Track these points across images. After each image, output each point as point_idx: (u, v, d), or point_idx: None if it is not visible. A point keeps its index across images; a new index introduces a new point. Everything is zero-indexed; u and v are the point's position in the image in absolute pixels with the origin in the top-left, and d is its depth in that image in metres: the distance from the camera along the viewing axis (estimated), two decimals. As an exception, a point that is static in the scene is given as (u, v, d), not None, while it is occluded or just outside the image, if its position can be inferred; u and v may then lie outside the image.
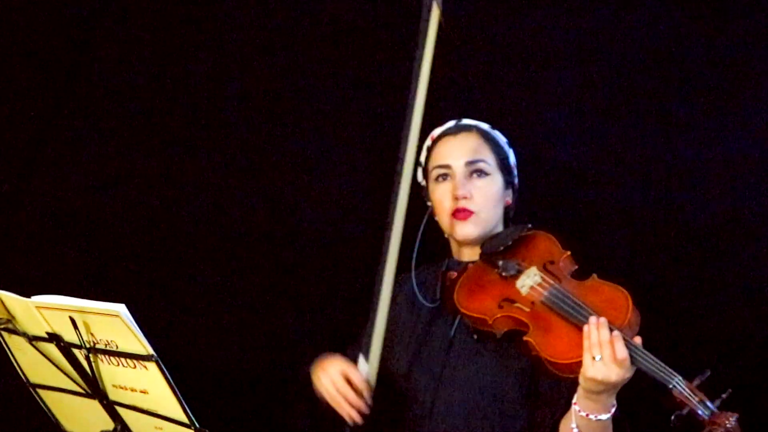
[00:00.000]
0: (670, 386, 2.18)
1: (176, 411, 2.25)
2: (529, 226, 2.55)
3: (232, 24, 3.17)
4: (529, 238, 2.52)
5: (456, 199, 2.56)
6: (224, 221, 3.21)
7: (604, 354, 2.21)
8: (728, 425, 2.11)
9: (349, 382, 2.44)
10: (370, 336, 2.47)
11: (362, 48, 3.14)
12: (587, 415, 2.27)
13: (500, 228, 2.61)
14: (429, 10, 2.48)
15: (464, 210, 2.56)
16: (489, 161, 2.60)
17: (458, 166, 2.59)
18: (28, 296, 2.30)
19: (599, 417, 2.27)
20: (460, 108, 2.94)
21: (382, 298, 2.47)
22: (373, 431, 2.48)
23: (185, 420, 2.25)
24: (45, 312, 2.28)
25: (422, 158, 2.69)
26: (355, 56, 3.15)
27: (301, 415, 2.60)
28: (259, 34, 3.16)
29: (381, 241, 2.98)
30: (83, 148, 3.23)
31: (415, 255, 2.63)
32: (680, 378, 2.18)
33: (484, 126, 2.68)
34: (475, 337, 2.47)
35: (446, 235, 2.65)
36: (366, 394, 2.44)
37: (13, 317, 2.36)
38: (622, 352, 2.21)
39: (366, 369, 2.46)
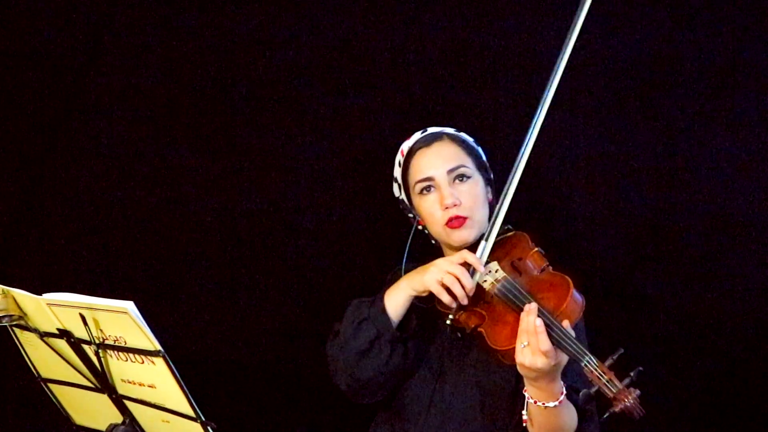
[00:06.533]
0: (582, 364, 2.22)
1: (183, 405, 2.27)
2: (508, 227, 2.57)
3: (235, 26, 3.19)
4: (508, 239, 2.56)
5: (446, 208, 2.56)
6: (230, 218, 3.19)
7: (530, 341, 2.25)
8: (627, 402, 2.16)
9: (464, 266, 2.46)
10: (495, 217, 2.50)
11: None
12: (535, 402, 2.31)
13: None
14: None
15: (457, 217, 2.56)
16: (468, 164, 2.60)
17: (441, 175, 2.57)
18: (40, 294, 2.32)
19: (547, 404, 2.30)
20: (435, 114, 2.96)
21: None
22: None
23: (191, 413, 2.27)
24: (56, 309, 2.31)
25: (396, 173, 2.68)
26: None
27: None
28: (263, 35, 3.17)
29: (391, 234, 3.02)
30: (93, 148, 3.21)
31: (403, 267, 2.62)
32: (591, 357, 2.21)
33: (451, 130, 2.67)
34: (459, 335, 2.49)
35: (437, 243, 2.67)
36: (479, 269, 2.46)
37: (25, 314, 2.39)
38: (545, 344, 2.23)
39: (482, 249, 2.49)
